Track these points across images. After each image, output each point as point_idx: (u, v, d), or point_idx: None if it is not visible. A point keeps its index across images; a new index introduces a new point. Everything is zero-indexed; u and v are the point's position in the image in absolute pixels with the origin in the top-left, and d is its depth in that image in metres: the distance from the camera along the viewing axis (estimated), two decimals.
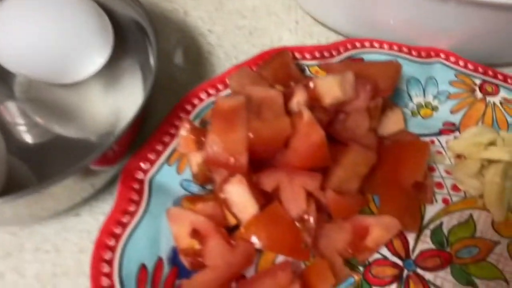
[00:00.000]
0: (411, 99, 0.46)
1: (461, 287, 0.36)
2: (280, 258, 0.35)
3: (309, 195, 0.35)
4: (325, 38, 0.54)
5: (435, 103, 0.46)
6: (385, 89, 0.40)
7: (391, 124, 0.43)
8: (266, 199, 0.35)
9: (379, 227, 0.36)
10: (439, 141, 0.44)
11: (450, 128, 0.45)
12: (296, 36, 0.54)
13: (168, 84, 0.48)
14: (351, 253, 0.36)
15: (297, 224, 0.34)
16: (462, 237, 0.39)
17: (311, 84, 0.37)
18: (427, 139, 0.44)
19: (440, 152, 0.44)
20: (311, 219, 0.34)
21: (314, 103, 0.38)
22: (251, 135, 0.33)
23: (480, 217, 0.40)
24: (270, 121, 0.34)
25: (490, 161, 0.41)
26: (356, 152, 0.37)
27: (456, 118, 0.45)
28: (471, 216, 0.40)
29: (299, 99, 0.37)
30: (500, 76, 0.46)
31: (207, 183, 0.38)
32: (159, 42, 0.40)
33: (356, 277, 0.36)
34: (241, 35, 0.53)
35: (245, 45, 0.53)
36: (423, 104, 0.46)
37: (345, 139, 0.38)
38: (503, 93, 0.45)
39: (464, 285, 0.36)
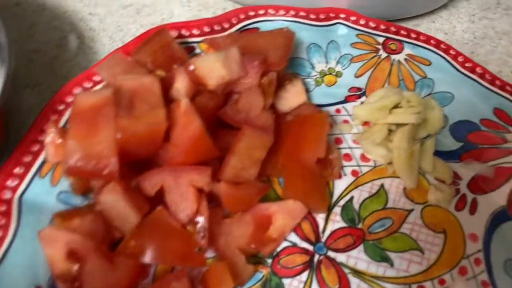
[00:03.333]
0: (313, 67, 0.43)
1: (375, 264, 0.34)
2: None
3: (200, 192, 0.31)
4: (222, 9, 0.50)
5: (338, 68, 0.43)
6: (277, 62, 0.36)
7: (292, 98, 0.39)
8: (154, 204, 0.31)
9: (283, 214, 0.34)
10: (345, 109, 0.42)
11: (356, 94, 0.42)
12: (190, 9, 0.49)
13: (43, 81, 0.42)
14: (254, 248, 0.33)
15: (188, 227, 0.31)
16: (374, 210, 0.37)
17: (191, 66, 0.33)
18: (333, 108, 0.42)
19: (347, 121, 0.41)
20: (203, 220, 0.30)
21: (199, 87, 0.34)
22: (119, 135, 0.29)
23: (391, 185, 0.38)
24: (142, 116, 0.30)
25: (399, 125, 0.39)
26: (250, 136, 0.33)
27: (361, 82, 0.43)
28: (382, 186, 0.38)
29: (179, 84, 0.33)
30: (403, 32, 0.43)
31: (90, 192, 0.34)
32: (24, 32, 0.34)
33: (264, 271, 0.33)
34: (127, 15, 0.48)
35: (132, 26, 0.47)
36: (326, 71, 0.43)
37: (239, 123, 0.34)
38: (407, 49, 0.43)
39: (378, 262, 0.34)
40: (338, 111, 0.42)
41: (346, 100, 0.42)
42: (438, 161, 0.38)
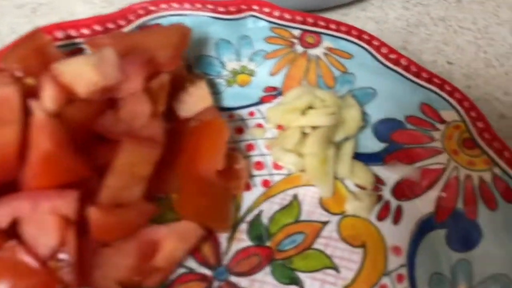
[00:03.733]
0: (223, 66, 0.39)
1: None
2: None
3: (66, 220, 0.27)
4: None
5: (251, 66, 0.39)
6: (167, 62, 0.32)
7: (195, 101, 0.35)
8: (10, 238, 0.26)
9: (172, 239, 0.29)
10: (260, 111, 0.38)
11: (272, 94, 0.38)
12: (93, 7, 0.44)
13: None
14: (138, 280, 0.28)
15: (51, 263, 0.26)
16: (285, 224, 0.32)
17: (56, 72, 0.28)
18: (246, 110, 0.38)
19: (260, 125, 0.37)
20: (69, 253, 0.26)
21: (69, 95, 0.29)
22: None
23: (306, 195, 0.34)
24: None
25: (315, 128, 0.35)
26: (130, 150, 0.29)
27: (277, 81, 0.38)
28: (295, 196, 0.34)
29: (46, 94, 0.28)
30: (321, 23, 0.39)
31: None
32: None
33: None
34: (21, 15, 0.43)
35: (26, 27, 0.42)
36: (239, 69, 0.39)
37: (118, 135, 0.30)
38: (326, 42, 0.39)
39: (286, 285, 0.30)
40: (251, 114, 0.37)
41: (261, 101, 0.38)
42: (358, 165, 0.35)
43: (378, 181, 0.35)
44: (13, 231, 0.26)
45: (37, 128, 0.26)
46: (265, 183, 0.34)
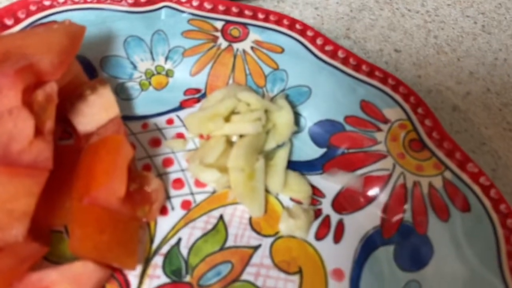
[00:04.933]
0: (135, 67, 0.33)
1: None
2: None
3: None
4: None
5: (168, 66, 0.33)
6: (52, 69, 0.26)
7: (98, 112, 0.30)
8: None
9: (64, 285, 0.24)
10: (180, 118, 0.32)
11: (194, 97, 0.33)
12: None
13: None
14: None
15: None
16: (209, 254, 0.28)
17: None
18: (164, 118, 0.32)
19: (181, 135, 0.32)
20: None
21: None
22: None
23: (234, 216, 0.29)
24: None
25: (242, 136, 0.30)
26: (2, 182, 0.23)
27: (200, 82, 0.33)
28: (221, 218, 0.29)
29: None
30: (248, 12, 0.34)
31: None
32: None
33: None
34: None
35: None
36: (154, 70, 0.33)
37: None
38: (254, 35, 0.34)
39: None
40: (170, 121, 0.32)
41: (181, 107, 0.33)
42: (293, 176, 0.30)
43: (316, 193, 0.30)
44: None
45: None
46: (185, 205, 0.29)
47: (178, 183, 0.30)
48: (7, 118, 0.25)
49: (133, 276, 0.27)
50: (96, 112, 0.30)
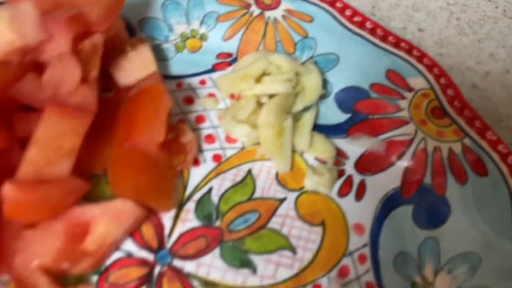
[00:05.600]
0: (171, 29, 0.35)
1: (233, 272, 0.27)
2: None
3: None
4: None
5: (203, 30, 0.35)
6: (100, 21, 0.28)
7: (137, 68, 0.31)
8: None
9: (105, 220, 0.26)
10: (212, 80, 0.34)
11: (226, 61, 0.35)
12: None
13: None
14: (66, 265, 0.25)
15: None
16: (237, 202, 0.29)
17: None
18: (197, 79, 0.34)
19: (212, 95, 0.33)
20: None
21: None
22: None
23: (261, 171, 0.31)
24: None
25: (272, 97, 0.32)
26: (53, 120, 0.25)
27: (231, 47, 0.35)
28: (249, 172, 0.31)
29: None
30: None
31: None
32: None
33: None
34: None
35: None
36: (189, 34, 0.35)
37: (41, 103, 0.26)
38: (285, 4, 0.35)
39: (237, 268, 0.27)
40: (202, 82, 0.34)
41: (213, 69, 0.34)
42: (318, 138, 0.31)
43: (340, 155, 0.32)
44: None
45: None
46: (216, 158, 0.31)
47: (210, 138, 0.32)
48: (57, 63, 0.27)
49: (167, 218, 0.28)
50: (135, 67, 0.31)
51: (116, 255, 0.27)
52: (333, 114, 0.33)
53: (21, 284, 0.24)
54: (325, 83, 0.33)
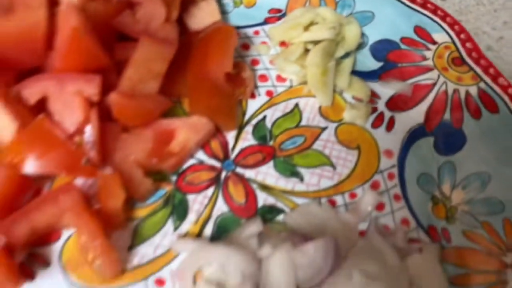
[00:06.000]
0: None
1: (284, 180, 0.33)
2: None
3: (90, 102, 0.29)
4: None
5: None
6: None
7: (205, 16, 0.37)
8: (37, 113, 0.29)
9: (185, 129, 0.32)
10: (264, 31, 0.40)
11: (276, 16, 0.41)
12: None
13: None
14: (155, 162, 0.31)
15: (76, 138, 0.29)
16: (287, 128, 0.35)
17: None
18: (251, 30, 0.40)
19: (265, 43, 0.39)
20: (91, 130, 0.29)
21: None
22: None
23: (307, 105, 0.37)
24: (19, 16, 0.27)
25: (317, 43, 0.37)
26: (148, 47, 0.31)
27: (281, 3, 0.41)
28: (296, 105, 0.36)
29: None
30: None
31: None
32: None
33: (167, 188, 0.32)
34: None
35: None
36: None
37: (136, 33, 0.32)
38: None
39: (287, 177, 0.33)
40: (256, 32, 0.40)
41: (265, 22, 0.40)
42: (356, 80, 0.37)
43: (374, 95, 0.37)
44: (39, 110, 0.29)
45: (63, 13, 0.28)
46: (269, 93, 0.37)
47: (263, 78, 0.38)
48: (148, 3, 0.33)
49: (230, 137, 0.34)
50: (203, 15, 0.37)
51: (191, 162, 0.33)
52: (368, 62, 0.39)
53: (121, 174, 0.30)
54: (362, 35, 0.39)
